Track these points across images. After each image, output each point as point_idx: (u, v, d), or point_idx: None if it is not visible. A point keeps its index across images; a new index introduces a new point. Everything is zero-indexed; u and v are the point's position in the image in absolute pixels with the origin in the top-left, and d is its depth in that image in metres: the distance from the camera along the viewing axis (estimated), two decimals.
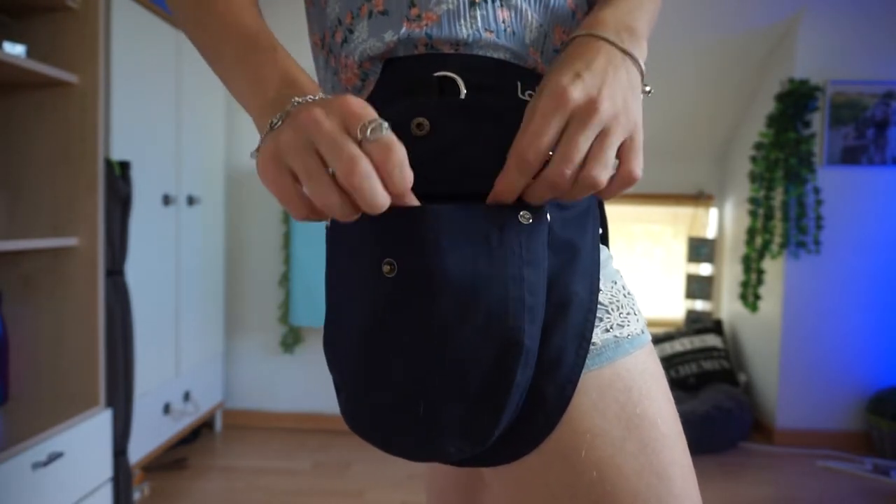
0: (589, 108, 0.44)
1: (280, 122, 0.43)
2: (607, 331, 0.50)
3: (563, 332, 0.48)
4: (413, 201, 0.44)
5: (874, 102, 2.78)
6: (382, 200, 0.39)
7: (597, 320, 0.50)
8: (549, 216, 0.49)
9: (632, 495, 0.47)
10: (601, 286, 0.51)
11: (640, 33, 0.50)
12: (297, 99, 0.44)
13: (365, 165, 0.38)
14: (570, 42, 0.50)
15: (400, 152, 0.39)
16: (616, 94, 0.46)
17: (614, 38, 0.49)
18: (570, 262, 0.50)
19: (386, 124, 0.40)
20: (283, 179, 0.41)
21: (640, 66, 0.49)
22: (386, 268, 0.45)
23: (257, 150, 0.44)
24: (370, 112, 0.40)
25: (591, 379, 0.48)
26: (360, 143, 0.39)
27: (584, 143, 0.44)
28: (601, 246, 0.54)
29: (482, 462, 0.49)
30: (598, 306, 0.51)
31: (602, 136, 0.45)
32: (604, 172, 0.44)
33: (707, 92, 3.11)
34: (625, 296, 0.53)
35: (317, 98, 0.44)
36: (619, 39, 0.49)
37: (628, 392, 0.49)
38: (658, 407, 0.50)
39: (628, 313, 0.52)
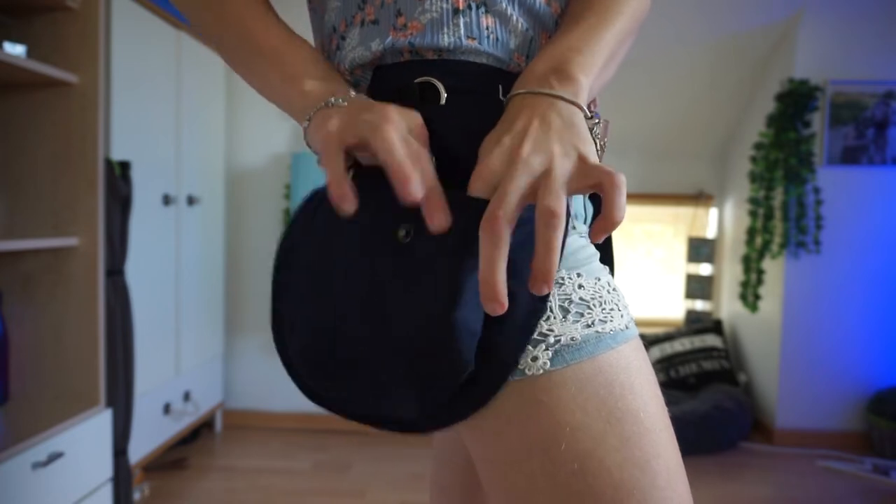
0: (511, 163, 0.45)
1: (344, 104, 0.50)
2: (588, 326, 0.50)
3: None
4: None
5: (874, 102, 2.79)
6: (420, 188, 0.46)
7: (578, 316, 0.51)
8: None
9: (613, 487, 0.47)
10: (583, 282, 0.52)
11: (571, 74, 0.50)
12: (353, 93, 0.52)
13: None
14: (506, 105, 0.52)
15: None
16: (542, 139, 0.46)
17: (537, 88, 0.49)
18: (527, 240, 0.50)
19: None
20: (344, 142, 0.47)
21: (575, 103, 0.49)
22: (401, 233, 0.48)
23: (308, 119, 0.51)
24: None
25: (571, 373, 0.49)
26: None
27: (512, 185, 0.44)
28: (587, 242, 0.55)
29: (444, 422, 0.50)
30: (580, 301, 0.51)
31: (545, 174, 0.45)
32: (555, 200, 0.44)
33: (707, 92, 3.11)
34: (608, 292, 0.54)
35: (363, 98, 0.52)
36: (543, 87, 0.49)
37: (610, 387, 0.49)
38: (642, 401, 0.50)
39: (612, 309, 0.53)
